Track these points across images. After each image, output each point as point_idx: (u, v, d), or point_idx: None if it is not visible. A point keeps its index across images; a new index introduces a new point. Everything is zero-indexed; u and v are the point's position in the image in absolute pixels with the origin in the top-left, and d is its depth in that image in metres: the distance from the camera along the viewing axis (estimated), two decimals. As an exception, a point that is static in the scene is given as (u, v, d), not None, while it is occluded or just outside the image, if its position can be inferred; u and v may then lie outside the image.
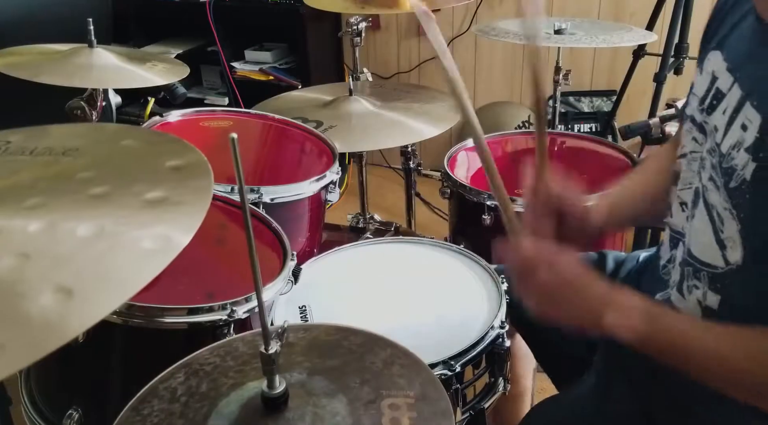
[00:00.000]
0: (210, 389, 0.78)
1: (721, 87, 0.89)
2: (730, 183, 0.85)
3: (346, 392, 0.75)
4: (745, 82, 0.85)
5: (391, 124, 1.77)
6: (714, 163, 0.88)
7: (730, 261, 0.87)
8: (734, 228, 0.85)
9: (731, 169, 0.84)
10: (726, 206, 0.86)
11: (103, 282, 0.57)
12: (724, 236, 0.87)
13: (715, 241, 0.88)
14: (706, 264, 0.91)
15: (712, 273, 0.90)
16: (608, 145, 1.80)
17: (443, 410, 0.73)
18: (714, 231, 0.88)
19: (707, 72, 0.93)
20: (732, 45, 0.90)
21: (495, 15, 2.96)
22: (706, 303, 0.92)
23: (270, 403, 0.72)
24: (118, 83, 1.63)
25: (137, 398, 0.78)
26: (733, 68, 0.88)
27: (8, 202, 0.65)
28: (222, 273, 1.30)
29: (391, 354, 0.82)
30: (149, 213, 0.64)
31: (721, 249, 0.88)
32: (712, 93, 0.91)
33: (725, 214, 0.86)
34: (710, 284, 0.91)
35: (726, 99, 0.88)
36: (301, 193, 1.46)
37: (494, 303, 1.19)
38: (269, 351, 0.70)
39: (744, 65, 0.87)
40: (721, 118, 0.88)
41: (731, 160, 0.84)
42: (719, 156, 0.87)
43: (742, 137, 0.83)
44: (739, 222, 0.84)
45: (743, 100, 0.84)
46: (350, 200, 2.50)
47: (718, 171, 0.87)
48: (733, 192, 0.84)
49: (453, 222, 1.73)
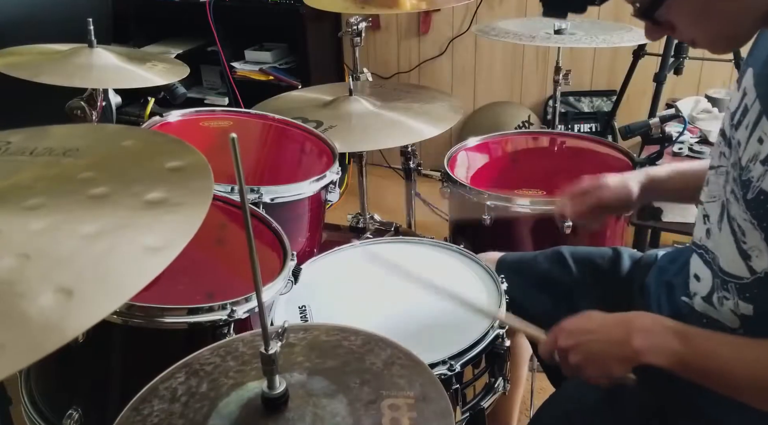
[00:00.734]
0: (210, 389, 0.78)
1: (747, 103, 0.90)
2: (747, 194, 0.86)
3: (347, 392, 0.75)
4: (764, 98, 0.86)
5: (391, 124, 1.77)
6: (735, 177, 0.90)
7: (757, 270, 0.88)
8: (758, 238, 0.86)
9: (749, 181, 0.86)
10: (746, 217, 0.87)
11: (103, 283, 0.57)
12: (747, 247, 0.88)
13: (738, 253, 0.89)
14: (733, 276, 0.92)
15: (740, 284, 0.91)
16: (608, 145, 1.80)
17: (443, 410, 0.73)
18: (736, 242, 0.90)
19: (742, 88, 0.94)
20: (760, 61, 0.91)
21: (495, 15, 2.96)
22: (740, 312, 0.93)
23: (270, 404, 0.72)
24: (118, 83, 1.62)
25: (138, 398, 0.78)
26: (758, 83, 0.89)
27: (8, 202, 0.65)
28: (222, 273, 1.30)
29: (392, 354, 0.82)
30: (149, 213, 0.64)
31: (744, 259, 0.89)
32: (741, 109, 0.92)
33: (746, 225, 0.87)
34: (739, 294, 0.92)
35: (749, 114, 0.89)
36: (301, 193, 1.46)
37: (494, 303, 1.19)
38: (269, 351, 0.70)
39: (764, 81, 0.88)
40: (744, 132, 0.89)
41: (749, 172, 0.86)
42: (740, 169, 0.88)
43: (758, 150, 0.84)
44: (762, 231, 0.85)
45: (761, 114, 0.85)
46: (350, 200, 2.50)
47: (738, 183, 0.88)
48: (750, 203, 0.86)
49: (453, 222, 1.73)
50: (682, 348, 0.86)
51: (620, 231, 1.64)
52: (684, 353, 0.86)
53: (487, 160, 1.84)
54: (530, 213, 1.51)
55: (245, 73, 3.09)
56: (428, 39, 3.17)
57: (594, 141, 1.85)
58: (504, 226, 1.54)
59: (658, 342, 0.88)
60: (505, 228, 1.55)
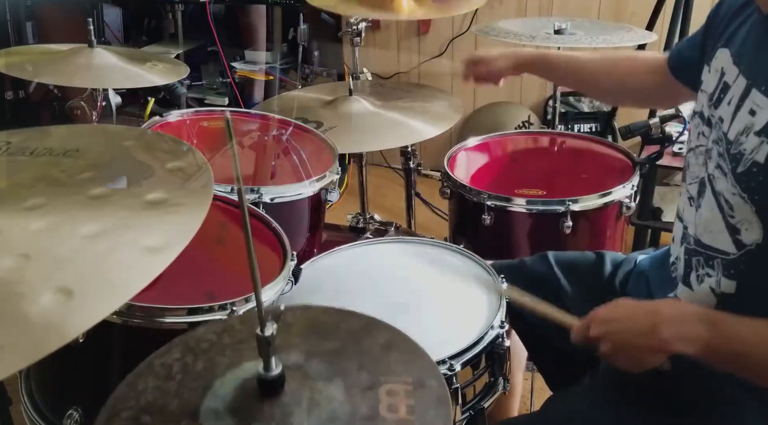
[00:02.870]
0: (206, 368, 0.76)
1: (727, 80, 0.92)
2: (737, 168, 0.86)
3: (344, 377, 0.74)
4: (750, 71, 0.88)
5: (392, 124, 1.76)
6: (721, 152, 0.90)
7: (746, 242, 0.88)
8: (748, 210, 0.86)
9: (739, 154, 0.86)
10: (734, 191, 0.87)
11: (103, 283, 0.57)
12: (736, 220, 0.88)
13: (726, 227, 0.90)
14: (719, 251, 0.92)
15: (725, 260, 0.91)
16: (608, 145, 1.80)
17: (441, 397, 0.72)
18: (723, 218, 0.90)
19: (715, 69, 0.96)
20: (738, 41, 0.93)
21: (495, 15, 2.96)
22: (720, 289, 0.93)
23: (266, 386, 0.70)
24: (118, 83, 1.63)
25: (133, 373, 0.76)
26: (739, 61, 0.91)
27: (8, 202, 0.65)
28: (222, 273, 1.30)
29: (390, 339, 0.81)
30: (149, 214, 0.65)
31: (732, 234, 0.89)
32: (719, 87, 0.93)
33: (734, 200, 0.87)
34: (724, 271, 0.92)
35: (731, 90, 0.90)
36: (301, 193, 1.46)
37: (494, 303, 1.19)
38: (265, 333, 0.68)
39: (749, 56, 0.90)
40: (727, 108, 0.90)
41: (739, 145, 0.86)
42: (726, 143, 0.89)
43: (750, 122, 0.85)
44: (752, 204, 0.85)
45: (749, 87, 0.86)
46: (350, 200, 2.50)
47: (726, 158, 0.89)
48: (740, 177, 0.86)
49: (453, 222, 1.73)
50: (709, 334, 0.86)
51: (620, 231, 1.64)
52: (711, 339, 0.86)
53: (487, 160, 1.83)
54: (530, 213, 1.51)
55: (245, 73, 3.09)
56: (428, 39, 3.17)
57: (594, 141, 1.85)
58: (504, 226, 1.54)
59: (686, 330, 0.88)
60: (505, 228, 1.55)
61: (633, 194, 1.55)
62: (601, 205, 1.51)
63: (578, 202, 1.47)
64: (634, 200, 1.57)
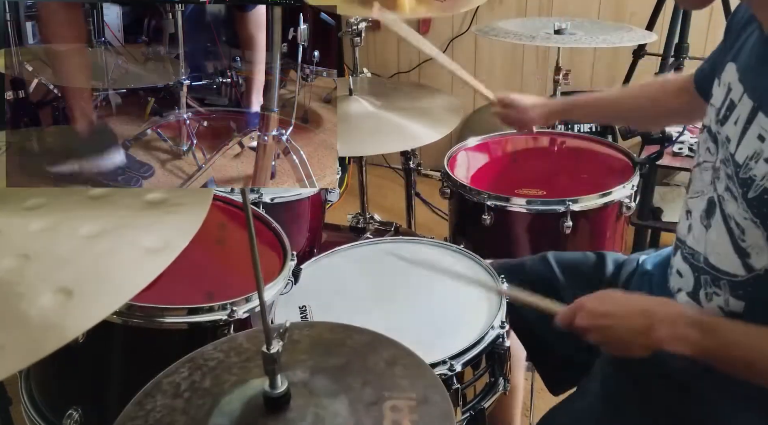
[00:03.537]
0: (213, 385, 0.78)
1: (733, 97, 0.90)
2: (748, 193, 0.85)
3: (348, 393, 0.75)
4: (755, 93, 0.86)
5: (391, 126, 1.76)
6: (729, 173, 0.89)
7: (756, 267, 0.87)
8: (759, 236, 0.85)
9: (750, 179, 0.85)
10: (746, 216, 0.86)
11: (103, 283, 0.57)
12: (746, 244, 0.87)
13: (734, 250, 0.89)
14: (726, 273, 0.92)
15: (733, 282, 0.91)
16: (608, 145, 1.80)
17: (445, 413, 0.73)
18: (732, 241, 0.89)
19: (724, 83, 0.94)
20: (743, 57, 0.91)
21: (495, 15, 2.96)
22: (729, 308, 0.93)
23: (272, 403, 0.72)
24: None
25: (142, 392, 0.78)
26: (743, 78, 0.89)
27: (8, 201, 0.65)
28: (222, 273, 1.30)
29: (394, 354, 0.82)
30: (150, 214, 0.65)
31: (742, 257, 0.88)
32: (726, 104, 0.92)
33: (746, 224, 0.87)
34: (732, 291, 0.91)
35: (737, 109, 0.89)
36: (301, 193, 1.46)
37: (494, 303, 1.19)
38: (271, 350, 0.69)
39: (752, 75, 0.88)
40: (733, 128, 0.88)
41: (749, 170, 0.85)
42: (734, 166, 0.87)
43: (760, 148, 0.83)
44: (765, 230, 0.84)
45: (755, 110, 0.85)
46: (350, 200, 2.50)
47: (735, 181, 0.87)
48: (751, 202, 0.85)
49: (453, 222, 1.73)
50: (705, 339, 0.87)
51: (620, 231, 1.64)
52: (707, 343, 0.87)
53: (487, 160, 1.84)
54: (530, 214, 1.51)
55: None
56: (428, 39, 3.15)
57: (594, 141, 1.85)
58: (504, 226, 1.54)
59: (681, 333, 0.88)
60: (505, 228, 1.55)
61: (633, 194, 1.55)
62: (601, 205, 1.51)
63: (578, 202, 1.48)
64: (634, 200, 1.57)
